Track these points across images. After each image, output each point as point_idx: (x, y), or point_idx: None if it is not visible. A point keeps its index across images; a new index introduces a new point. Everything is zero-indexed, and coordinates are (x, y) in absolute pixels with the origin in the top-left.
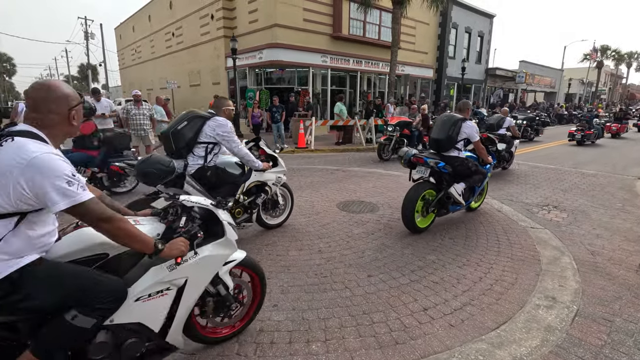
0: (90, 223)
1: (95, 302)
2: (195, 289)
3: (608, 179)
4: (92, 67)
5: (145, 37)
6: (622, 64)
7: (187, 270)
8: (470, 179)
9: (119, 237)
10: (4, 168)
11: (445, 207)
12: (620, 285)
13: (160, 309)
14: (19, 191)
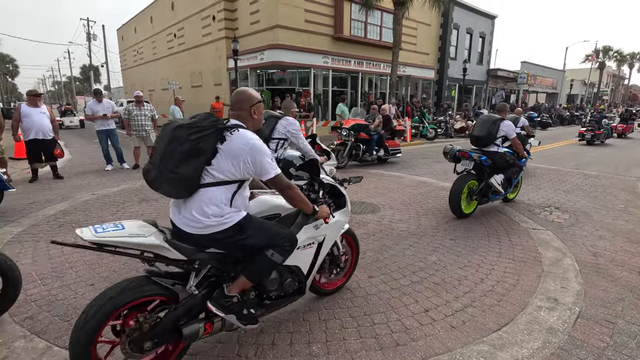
0: (279, 189)
1: (283, 245)
2: (328, 244)
3: (610, 180)
4: (94, 68)
5: (147, 39)
6: (624, 65)
7: (326, 230)
8: (508, 170)
9: (294, 200)
10: (237, 150)
11: (487, 196)
12: (623, 287)
13: (308, 257)
14: (245, 165)
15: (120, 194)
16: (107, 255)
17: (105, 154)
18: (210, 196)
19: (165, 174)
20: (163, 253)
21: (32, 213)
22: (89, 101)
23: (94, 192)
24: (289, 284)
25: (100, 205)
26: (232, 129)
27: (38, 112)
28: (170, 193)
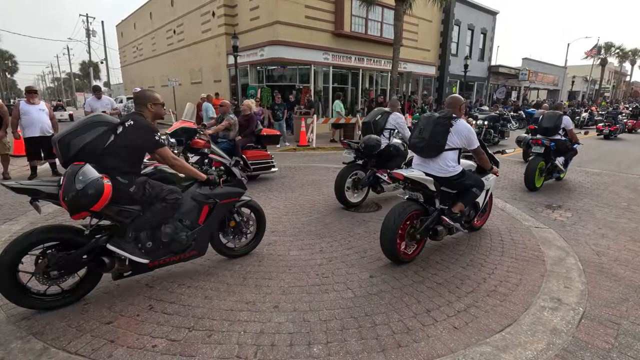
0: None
1: (480, 186)
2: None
3: (612, 178)
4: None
5: (146, 35)
6: (626, 61)
7: (491, 182)
8: (567, 154)
9: (482, 160)
10: (462, 132)
11: (551, 174)
12: (627, 286)
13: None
14: (463, 140)
15: None
16: None
17: None
18: (447, 157)
19: (432, 144)
20: (428, 185)
21: (31, 211)
22: (88, 98)
23: None
24: (475, 210)
25: None
26: (452, 119)
27: (37, 109)
28: (430, 154)
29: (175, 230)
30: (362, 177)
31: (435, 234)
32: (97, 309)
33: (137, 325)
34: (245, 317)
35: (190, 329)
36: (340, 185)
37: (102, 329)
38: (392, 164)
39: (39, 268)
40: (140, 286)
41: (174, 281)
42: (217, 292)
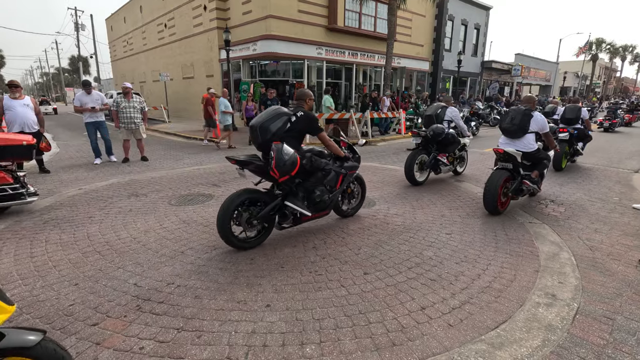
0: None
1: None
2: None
3: (604, 173)
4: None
5: (136, 29)
6: (616, 57)
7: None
8: (585, 139)
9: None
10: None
11: (573, 156)
12: (620, 281)
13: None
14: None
15: (108, 189)
16: (93, 254)
17: (93, 147)
18: (529, 137)
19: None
20: (517, 157)
21: (15, 209)
22: (78, 93)
23: (81, 187)
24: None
25: (87, 200)
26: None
27: (21, 105)
28: (518, 136)
29: (323, 192)
30: (425, 160)
31: (520, 192)
32: (82, 310)
33: (124, 327)
34: (236, 316)
35: (180, 329)
36: (410, 167)
37: (88, 331)
38: (450, 149)
39: (244, 218)
40: (129, 286)
41: (162, 280)
42: (208, 291)
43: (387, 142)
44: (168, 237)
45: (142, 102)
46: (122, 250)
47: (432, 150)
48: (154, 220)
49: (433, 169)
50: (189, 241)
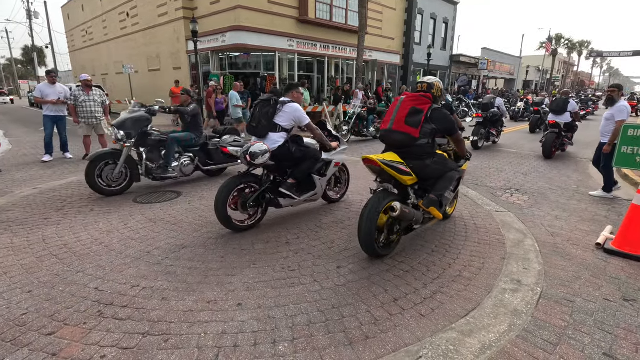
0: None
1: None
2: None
3: (564, 162)
4: (37, 49)
5: (96, 17)
6: (574, 52)
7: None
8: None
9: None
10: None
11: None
12: (579, 265)
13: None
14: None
15: (67, 187)
16: (49, 258)
17: (47, 142)
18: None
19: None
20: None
21: None
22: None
23: (37, 186)
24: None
25: (43, 200)
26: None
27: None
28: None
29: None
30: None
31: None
32: (36, 319)
33: (83, 335)
34: (206, 317)
35: (145, 334)
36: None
37: (42, 342)
38: (498, 124)
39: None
40: (89, 290)
41: (127, 283)
42: (176, 292)
43: None
44: (133, 237)
45: (103, 96)
46: (82, 253)
47: (488, 126)
48: (117, 219)
49: (487, 138)
50: (156, 240)
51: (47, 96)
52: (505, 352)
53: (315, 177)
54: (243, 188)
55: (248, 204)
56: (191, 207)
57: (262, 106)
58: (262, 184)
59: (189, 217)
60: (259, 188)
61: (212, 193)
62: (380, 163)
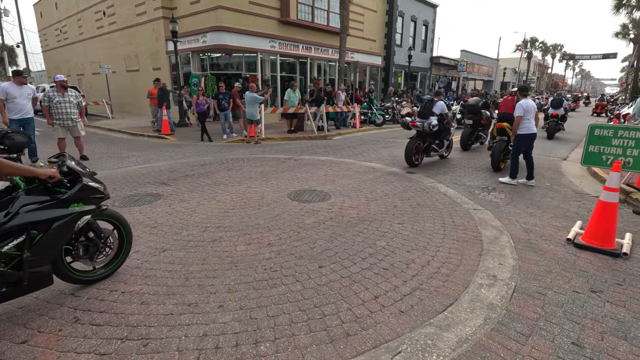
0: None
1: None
2: None
3: (538, 161)
4: (8, 48)
5: (71, 16)
6: (548, 55)
7: None
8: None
9: None
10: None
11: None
12: (551, 259)
13: None
14: None
15: None
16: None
17: None
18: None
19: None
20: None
21: None
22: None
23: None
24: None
25: None
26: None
27: None
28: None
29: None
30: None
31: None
32: (8, 327)
33: (58, 342)
34: (186, 320)
35: (124, 339)
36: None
37: (15, 350)
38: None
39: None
40: (64, 296)
41: (104, 288)
42: (156, 296)
43: (343, 135)
44: None
45: (78, 97)
46: None
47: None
48: None
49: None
50: (135, 244)
51: (14, 98)
52: (480, 345)
53: (445, 142)
54: (419, 144)
55: (419, 152)
56: (171, 210)
57: (427, 103)
58: (426, 141)
59: (169, 220)
60: (424, 144)
61: (193, 195)
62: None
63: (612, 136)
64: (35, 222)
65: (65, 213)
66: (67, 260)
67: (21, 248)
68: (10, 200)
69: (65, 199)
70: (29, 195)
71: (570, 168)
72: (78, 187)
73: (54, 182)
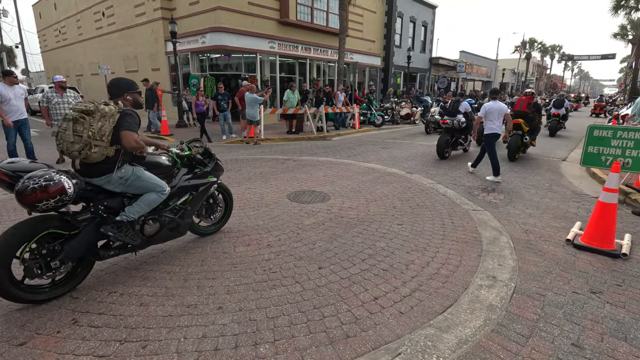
0: None
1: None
2: None
3: (537, 162)
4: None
5: (70, 17)
6: (546, 56)
7: None
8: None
9: None
10: None
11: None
12: (550, 260)
13: None
14: None
15: None
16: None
17: (10, 150)
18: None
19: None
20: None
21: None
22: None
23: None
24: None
25: (14, 205)
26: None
27: None
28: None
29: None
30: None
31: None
32: (6, 329)
33: (57, 344)
34: (185, 322)
35: (122, 341)
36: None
37: (13, 352)
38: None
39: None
40: (63, 298)
41: (103, 289)
42: (155, 298)
43: (342, 136)
44: None
45: (77, 97)
46: None
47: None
48: None
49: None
50: None
51: (7, 100)
52: (480, 346)
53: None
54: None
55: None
56: None
57: (454, 102)
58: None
59: None
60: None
61: None
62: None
63: (611, 137)
64: (191, 187)
65: (206, 182)
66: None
67: (184, 203)
68: (175, 172)
69: (206, 172)
70: (184, 167)
71: (570, 169)
72: (214, 164)
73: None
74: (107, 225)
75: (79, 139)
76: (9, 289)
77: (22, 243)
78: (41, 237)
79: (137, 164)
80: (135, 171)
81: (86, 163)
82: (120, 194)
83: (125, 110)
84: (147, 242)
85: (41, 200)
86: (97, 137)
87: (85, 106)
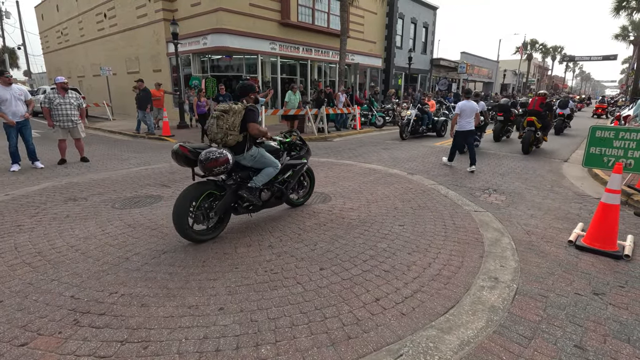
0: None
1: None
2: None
3: (539, 163)
4: (9, 50)
5: (72, 18)
6: (548, 57)
7: None
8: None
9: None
10: None
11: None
12: (553, 261)
13: None
14: None
15: (41, 193)
16: (21, 266)
17: (12, 151)
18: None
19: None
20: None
21: None
22: None
23: (8, 192)
24: None
25: (15, 207)
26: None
27: None
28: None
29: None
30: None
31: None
32: (8, 329)
33: (58, 344)
34: (187, 322)
35: (123, 342)
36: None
37: (14, 353)
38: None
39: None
40: (64, 299)
41: (104, 290)
42: (156, 299)
43: (343, 137)
44: (111, 244)
45: (79, 99)
46: (57, 260)
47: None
48: (95, 225)
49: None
50: (135, 246)
51: (4, 100)
52: (482, 348)
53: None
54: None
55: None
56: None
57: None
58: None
59: (169, 222)
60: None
61: None
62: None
63: (613, 138)
64: (291, 165)
65: (301, 162)
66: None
67: (287, 178)
68: (281, 154)
69: (301, 154)
70: (286, 151)
71: (571, 170)
72: (306, 149)
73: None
74: (243, 189)
75: (220, 130)
76: (187, 231)
77: (194, 199)
78: (204, 196)
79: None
80: (260, 151)
81: (226, 146)
82: (248, 168)
83: (249, 107)
84: (262, 206)
85: (216, 166)
86: (232, 128)
87: (224, 107)
